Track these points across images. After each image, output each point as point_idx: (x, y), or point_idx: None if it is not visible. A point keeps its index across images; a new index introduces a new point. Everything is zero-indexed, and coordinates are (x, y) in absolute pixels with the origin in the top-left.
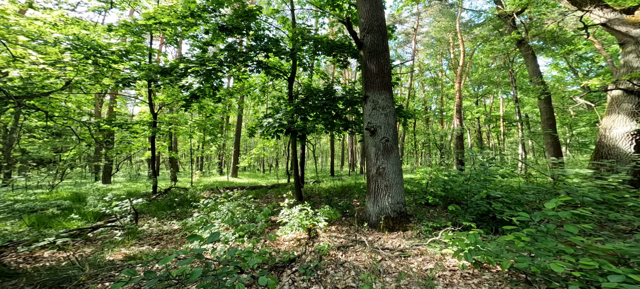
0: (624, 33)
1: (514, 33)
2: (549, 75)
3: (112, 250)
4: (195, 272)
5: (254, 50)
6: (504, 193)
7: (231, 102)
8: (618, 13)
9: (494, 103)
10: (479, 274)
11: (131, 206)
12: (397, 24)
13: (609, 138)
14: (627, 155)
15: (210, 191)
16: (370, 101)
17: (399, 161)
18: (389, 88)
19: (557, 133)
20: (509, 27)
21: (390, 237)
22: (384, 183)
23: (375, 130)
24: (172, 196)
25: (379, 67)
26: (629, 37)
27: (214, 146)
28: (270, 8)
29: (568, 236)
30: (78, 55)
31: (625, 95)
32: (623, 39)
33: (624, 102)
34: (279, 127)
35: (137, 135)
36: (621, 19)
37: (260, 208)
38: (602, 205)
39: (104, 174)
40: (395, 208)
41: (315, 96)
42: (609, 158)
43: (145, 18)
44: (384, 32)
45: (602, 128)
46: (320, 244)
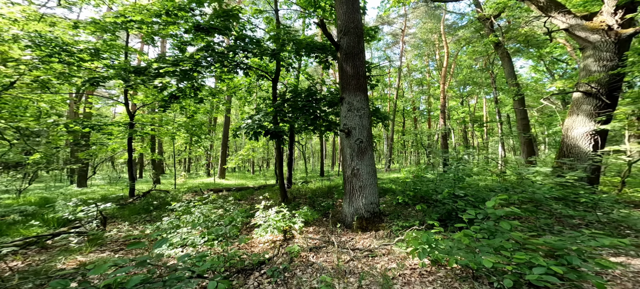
0: (584, 38)
1: (491, 36)
2: (529, 76)
3: (67, 258)
4: (131, 280)
5: (233, 50)
6: (472, 191)
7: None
8: (579, 19)
9: (478, 104)
10: (435, 272)
11: (98, 210)
12: (385, 25)
13: (571, 138)
14: (586, 153)
15: (193, 193)
16: (346, 103)
17: (373, 162)
18: (364, 90)
19: (531, 133)
20: (487, 30)
21: (362, 237)
22: (358, 183)
23: (350, 131)
24: (150, 200)
25: (354, 69)
26: (588, 42)
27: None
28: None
29: (510, 233)
30: (40, 52)
31: (585, 97)
32: (583, 44)
33: (584, 103)
34: (258, 128)
35: (112, 136)
36: (581, 24)
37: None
38: (560, 201)
39: (79, 177)
40: (368, 209)
41: (296, 97)
42: (570, 157)
43: (113, 16)
44: (360, 34)
45: (565, 129)
46: (293, 246)
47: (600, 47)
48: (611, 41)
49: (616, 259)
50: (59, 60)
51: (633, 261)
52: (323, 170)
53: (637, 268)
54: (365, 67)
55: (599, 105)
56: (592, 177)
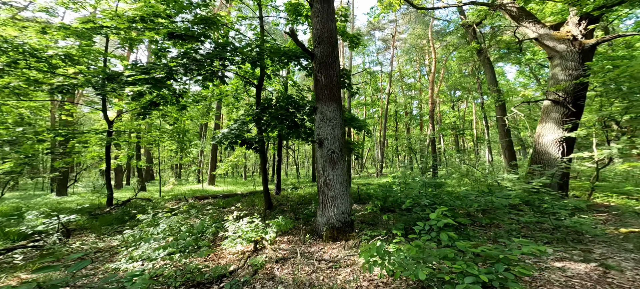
0: (552, 48)
1: (473, 42)
2: (516, 82)
3: (8, 276)
4: None
5: (209, 58)
6: (440, 199)
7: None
8: (547, 29)
9: (468, 108)
10: (391, 283)
11: (59, 223)
12: (376, 30)
13: (541, 145)
14: (555, 160)
15: (177, 201)
16: (319, 112)
17: (345, 172)
18: (337, 99)
19: (510, 138)
20: (470, 37)
21: (332, 247)
22: (330, 193)
23: (322, 141)
24: (129, 208)
25: (328, 79)
26: (555, 51)
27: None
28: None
29: (456, 242)
30: (6, 58)
31: (553, 105)
32: (551, 53)
33: (552, 111)
34: (233, 138)
35: (89, 145)
36: (550, 34)
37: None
38: (527, 206)
39: (58, 185)
40: (340, 218)
41: (276, 106)
42: (541, 163)
43: (81, 21)
44: (333, 43)
45: (536, 136)
46: (258, 258)
47: (566, 57)
48: (576, 51)
49: (560, 264)
50: (27, 66)
51: (574, 265)
52: (314, 176)
53: (573, 272)
54: (340, 76)
55: (566, 113)
56: (561, 183)
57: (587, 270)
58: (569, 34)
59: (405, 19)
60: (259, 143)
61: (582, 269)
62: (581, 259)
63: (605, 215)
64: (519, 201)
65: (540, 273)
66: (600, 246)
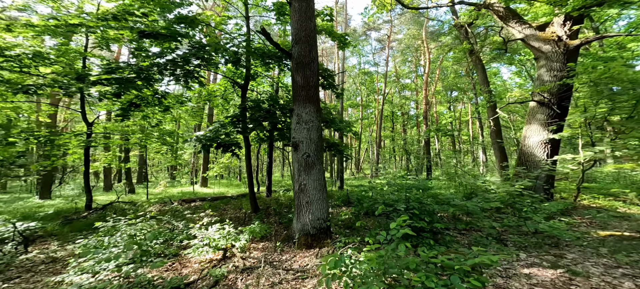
0: (537, 48)
1: (465, 43)
2: (513, 82)
3: None
4: None
5: (185, 58)
6: (417, 204)
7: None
8: (534, 29)
9: (464, 109)
10: None
11: (16, 231)
12: (372, 31)
13: (528, 146)
14: (541, 161)
15: (162, 204)
16: (295, 115)
17: (322, 176)
18: (315, 101)
19: (505, 139)
20: (463, 37)
21: (304, 255)
22: (305, 199)
23: (297, 145)
24: (110, 213)
25: (304, 80)
26: (541, 52)
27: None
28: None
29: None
30: None
31: (539, 106)
32: (537, 53)
33: (538, 113)
34: (206, 141)
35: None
36: (535, 35)
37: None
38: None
39: (42, 188)
40: (315, 225)
41: (257, 107)
42: (527, 165)
43: (43, 19)
44: (311, 43)
45: (522, 137)
46: (221, 268)
47: (551, 58)
48: (560, 52)
49: (528, 271)
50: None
51: (542, 272)
52: None
53: (539, 280)
54: (319, 77)
55: (551, 115)
56: (546, 185)
57: (553, 277)
58: (554, 35)
59: (401, 20)
60: (236, 146)
61: (548, 275)
62: (550, 265)
63: (588, 218)
64: (500, 204)
65: (505, 281)
66: (575, 251)
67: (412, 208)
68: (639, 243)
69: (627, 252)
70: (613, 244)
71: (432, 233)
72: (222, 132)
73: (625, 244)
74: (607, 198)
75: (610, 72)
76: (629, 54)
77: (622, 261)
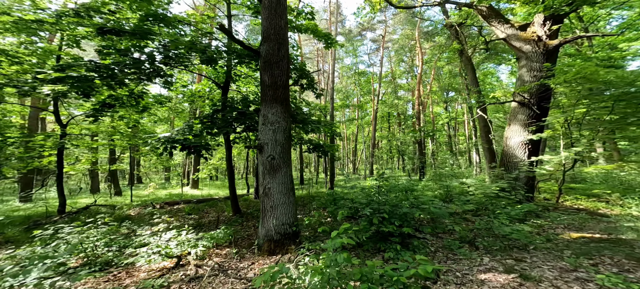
0: (518, 48)
1: (454, 43)
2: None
3: None
4: None
5: (150, 57)
6: (387, 207)
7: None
8: (515, 29)
9: (461, 110)
10: None
11: None
12: (367, 31)
13: (509, 147)
14: (522, 162)
15: (143, 207)
16: (261, 115)
17: (288, 180)
18: (282, 101)
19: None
20: (453, 37)
21: (265, 262)
22: (269, 203)
23: (262, 147)
24: (84, 217)
25: (272, 79)
26: (522, 52)
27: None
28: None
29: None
30: None
31: (520, 107)
32: (518, 53)
33: (519, 113)
34: (169, 143)
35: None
36: (517, 35)
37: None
38: (484, 211)
39: (21, 191)
40: (279, 230)
41: (229, 109)
42: (509, 165)
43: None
44: (281, 41)
45: (505, 138)
46: (167, 277)
47: (531, 58)
48: (540, 52)
49: (484, 276)
50: None
51: (497, 277)
52: (302, 178)
53: (492, 285)
54: (289, 76)
55: (532, 115)
56: (527, 187)
57: (505, 282)
58: (534, 35)
59: (395, 20)
60: (205, 148)
61: (501, 280)
62: (505, 270)
63: (567, 220)
64: (474, 206)
65: (458, 288)
66: (539, 254)
67: (382, 212)
68: (606, 245)
69: (590, 255)
70: (579, 247)
71: (401, 238)
72: (188, 133)
73: (592, 247)
74: (591, 199)
75: (583, 72)
76: (618, 54)
77: (580, 264)
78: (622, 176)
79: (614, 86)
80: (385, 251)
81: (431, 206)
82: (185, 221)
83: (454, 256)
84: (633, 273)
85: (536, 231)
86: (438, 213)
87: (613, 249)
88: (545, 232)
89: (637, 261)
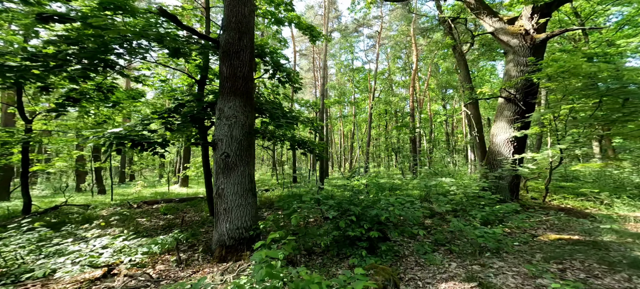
0: (506, 42)
1: (447, 38)
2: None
3: None
4: None
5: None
6: (356, 209)
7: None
8: (504, 23)
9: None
10: None
11: None
12: (363, 27)
13: (495, 144)
14: (507, 160)
15: (119, 207)
16: (217, 109)
17: (246, 180)
18: (242, 94)
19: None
20: (446, 32)
21: (211, 270)
22: (222, 206)
23: (216, 143)
24: (50, 218)
25: (231, 70)
26: (509, 46)
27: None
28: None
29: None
30: None
31: (506, 103)
32: (506, 48)
33: (505, 109)
34: (115, 139)
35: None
36: (505, 28)
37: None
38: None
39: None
40: (233, 235)
41: (191, 104)
42: (495, 163)
43: None
44: (243, 30)
45: (491, 135)
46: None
47: (518, 52)
48: (527, 46)
49: (444, 285)
50: None
51: (458, 285)
52: (295, 177)
53: None
54: (251, 68)
55: (517, 111)
56: (511, 186)
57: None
58: (522, 29)
59: (392, 16)
60: (161, 145)
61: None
62: (467, 277)
63: (551, 220)
64: (451, 207)
65: None
66: (509, 258)
67: (350, 214)
68: (582, 248)
69: (562, 258)
70: (553, 250)
71: (370, 242)
72: (139, 129)
73: (567, 250)
74: (579, 198)
75: (566, 65)
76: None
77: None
78: (616, 175)
79: (600, 80)
80: (350, 257)
81: (396, 208)
82: (156, 222)
83: (424, 262)
84: (601, 279)
85: (519, 231)
86: (405, 215)
87: (587, 253)
88: (525, 233)
89: (609, 265)
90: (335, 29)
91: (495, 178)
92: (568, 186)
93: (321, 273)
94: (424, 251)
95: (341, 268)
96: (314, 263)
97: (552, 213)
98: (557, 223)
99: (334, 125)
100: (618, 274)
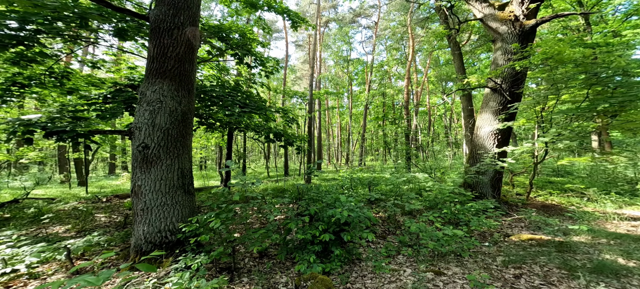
0: (494, 29)
1: (442, 27)
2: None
3: None
4: None
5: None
6: (314, 208)
7: None
8: (493, 9)
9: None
10: None
11: None
12: (361, 17)
13: (479, 137)
14: (487, 154)
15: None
16: (139, 93)
17: (170, 175)
18: (174, 77)
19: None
20: (442, 20)
21: (114, 282)
22: (139, 205)
23: (132, 132)
24: (2, 213)
25: (159, 49)
26: (498, 33)
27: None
28: None
29: None
30: None
31: (492, 93)
32: (494, 35)
33: (491, 100)
34: (22, 127)
35: None
36: (494, 14)
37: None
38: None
39: None
40: (152, 239)
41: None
42: (478, 157)
43: None
44: (179, 5)
45: (476, 127)
46: None
47: (506, 39)
48: (516, 33)
49: None
50: None
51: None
52: (287, 170)
53: None
54: (189, 50)
55: (503, 102)
56: (493, 182)
57: None
58: (512, 14)
59: (390, 6)
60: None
61: None
62: (413, 287)
63: (528, 219)
64: (421, 206)
65: None
66: (469, 263)
67: (305, 214)
68: (549, 249)
69: (522, 262)
70: (517, 252)
71: (323, 245)
72: (67, 116)
73: (532, 252)
74: (565, 194)
75: (551, 52)
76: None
77: (502, 276)
78: (610, 169)
79: (586, 68)
80: (298, 263)
81: (342, 209)
82: (114, 219)
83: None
84: (557, 287)
85: (494, 231)
86: (354, 216)
87: (551, 255)
88: (499, 233)
89: (569, 271)
90: (331, 19)
91: (475, 174)
92: (557, 182)
93: (262, 281)
94: (381, 255)
95: (288, 275)
96: (263, 269)
97: (529, 210)
98: (536, 221)
99: (332, 117)
100: (576, 280)
